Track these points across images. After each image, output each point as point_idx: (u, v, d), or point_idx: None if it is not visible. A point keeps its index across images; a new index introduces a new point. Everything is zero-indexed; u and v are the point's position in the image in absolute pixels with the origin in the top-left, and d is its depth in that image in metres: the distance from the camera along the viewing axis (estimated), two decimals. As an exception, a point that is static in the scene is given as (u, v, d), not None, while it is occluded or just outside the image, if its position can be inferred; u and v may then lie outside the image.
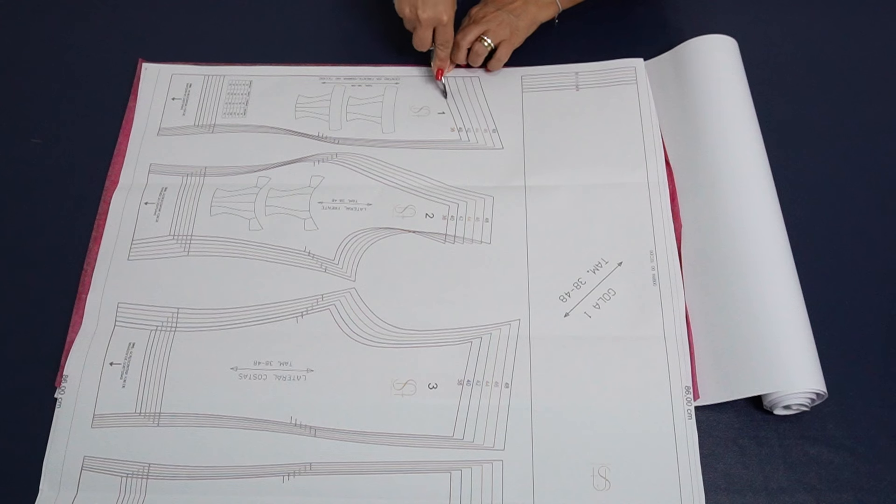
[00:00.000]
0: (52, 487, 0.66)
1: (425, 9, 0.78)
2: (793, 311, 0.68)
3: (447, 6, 0.79)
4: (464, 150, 0.82)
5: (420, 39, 0.81)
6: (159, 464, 0.67)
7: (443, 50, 0.83)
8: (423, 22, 0.79)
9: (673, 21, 0.90)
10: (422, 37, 0.81)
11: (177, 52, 0.90)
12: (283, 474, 0.66)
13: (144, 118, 0.85)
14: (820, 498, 0.65)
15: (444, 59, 0.84)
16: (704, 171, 0.76)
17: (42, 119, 0.86)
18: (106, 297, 0.74)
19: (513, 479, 0.65)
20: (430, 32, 0.81)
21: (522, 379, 0.69)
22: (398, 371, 0.70)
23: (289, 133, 0.84)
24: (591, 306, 0.73)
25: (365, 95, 0.86)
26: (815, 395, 0.66)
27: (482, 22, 0.83)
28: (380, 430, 0.67)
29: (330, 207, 0.79)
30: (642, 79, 0.85)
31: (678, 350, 0.70)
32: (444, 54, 0.83)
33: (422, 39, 0.81)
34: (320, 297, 0.74)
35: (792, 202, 0.75)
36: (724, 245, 0.72)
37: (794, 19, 0.92)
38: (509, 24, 0.83)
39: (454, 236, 0.77)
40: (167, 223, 0.78)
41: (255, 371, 0.70)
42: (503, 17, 0.83)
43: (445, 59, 0.84)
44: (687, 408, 0.67)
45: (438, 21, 0.79)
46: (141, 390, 0.69)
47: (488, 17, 0.83)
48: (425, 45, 0.82)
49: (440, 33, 0.81)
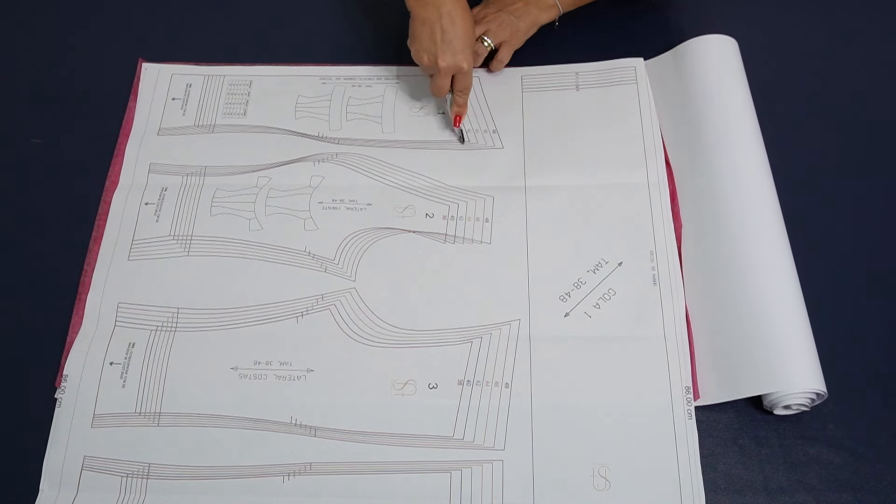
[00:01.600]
0: (52, 487, 0.66)
1: (444, 57, 0.75)
2: (793, 312, 0.68)
3: (467, 53, 0.76)
4: (464, 150, 0.82)
5: (438, 87, 0.78)
6: (159, 464, 0.67)
7: (461, 96, 0.80)
8: (443, 70, 0.76)
9: (673, 21, 0.90)
10: (440, 84, 0.78)
11: (177, 52, 0.90)
12: (283, 474, 0.66)
13: (144, 118, 0.85)
14: (820, 498, 0.65)
15: (463, 106, 0.81)
16: (704, 171, 0.76)
17: (42, 119, 0.86)
18: (106, 297, 0.74)
19: (513, 479, 0.65)
20: (450, 80, 0.78)
21: (522, 379, 0.69)
22: (398, 371, 0.70)
23: (289, 133, 0.84)
24: (592, 306, 0.73)
25: (365, 95, 0.86)
26: (815, 395, 0.66)
27: (483, 22, 0.83)
28: (380, 430, 0.67)
29: (330, 207, 0.79)
30: (642, 79, 0.85)
31: (678, 350, 0.70)
32: (462, 100, 0.80)
33: (440, 87, 0.78)
34: (320, 297, 0.74)
35: (792, 202, 0.75)
36: (724, 245, 0.72)
37: (794, 19, 0.92)
38: (510, 26, 0.82)
39: (454, 236, 0.77)
40: (167, 223, 0.78)
41: (255, 371, 0.70)
42: (504, 18, 0.82)
43: (464, 105, 0.81)
44: (687, 408, 0.67)
45: (458, 69, 0.76)
46: (141, 390, 0.69)
47: (489, 18, 0.83)
48: (443, 92, 0.79)
49: (459, 80, 0.78)
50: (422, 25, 0.75)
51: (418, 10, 0.75)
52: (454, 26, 0.74)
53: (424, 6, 0.75)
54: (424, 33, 0.75)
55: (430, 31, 0.75)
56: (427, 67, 0.78)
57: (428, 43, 0.76)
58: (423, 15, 0.75)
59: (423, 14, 0.75)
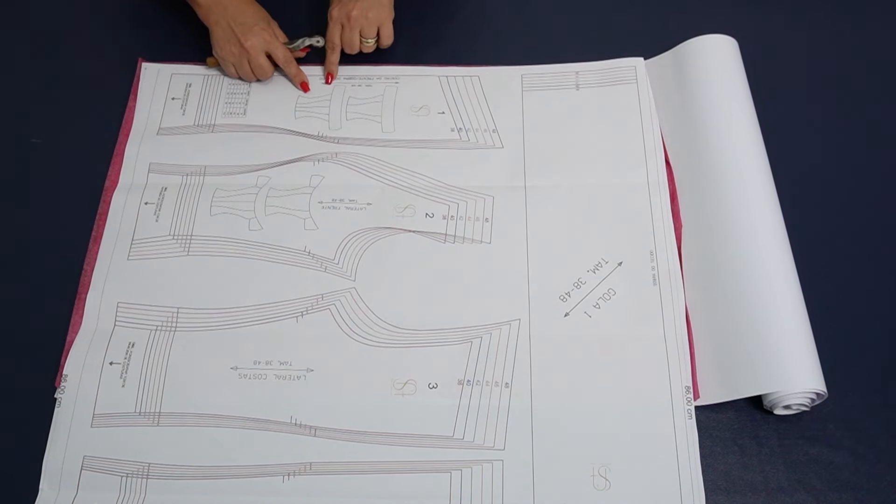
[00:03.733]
0: (52, 487, 0.66)
1: (246, 38, 0.81)
2: (793, 312, 0.68)
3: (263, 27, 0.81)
4: (464, 150, 0.82)
5: (259, 66, 0.83)
6: (159, 464, 0.67)
7: (290, 67, 0.84)
8: (251, 49, 0.81)
9: (673, 21, 0.90)
10: (260, 63, 0.83)
11: (177, 52, 0.89)
12: (283, 474, 0.66)
13: (144, 118, 0.85)
14: (820, 498, 0.65)
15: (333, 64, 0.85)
16: (704, 171, 0.76)
17: (42, 119, 0.86)
18: (106, 296, 0.74)
19: (513, 479, 0.65)
20: (265, 57, 0.82)
21: (522, 379, 0.69)
22: (398, 371, 0.70)
23: (289, 133, 0.84)
24: (592, 306, 0.73)
25: (365, 95, 0.86)
26: (815, 395, 0.66)
27: (352, 22, 0.82)
28: (380, 430, 0.67)
29: (330, 207, 0.79)
30: (642, 78, 0.85)
31: (678, 350, 0.70)
32: (293, 70, 0.85)
33: (260, 66, 0.83)
34: (320, 296, 0.74)
35: (792, 202, 0.75)
36: (724, 245, 0.72)
37: (794, 19, 0.92)
38: (374, 9, 0.82)
39: (454, 236, 0.77)
40: (167, 223, 0.78)
41: (255, 371, 0.70)
42: (364, 8, 0.81)
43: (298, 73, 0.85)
44: (687, 408, 0.67)
45: (266, 43, 0.82)
46: (141, 390, 0.69)
47: (353, 16, 0.81)
48: (267, 71, 0.83)
49: (276, 55, 0.83)
50: (216, 27, 0.82)
51: (208, 18, 0.82)
52: (243, 13, 0.81)
53: (211, 11, 0.81)
54: (221, 32, 0.82)
55: (224, 27, 0.81)
56: (238, 57, 0.82)
57: (229, 36, 0.81)
58: (213, 19, 0.82)
59: (213, 18, 0.82)
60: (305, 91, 0.86)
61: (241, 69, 0.83)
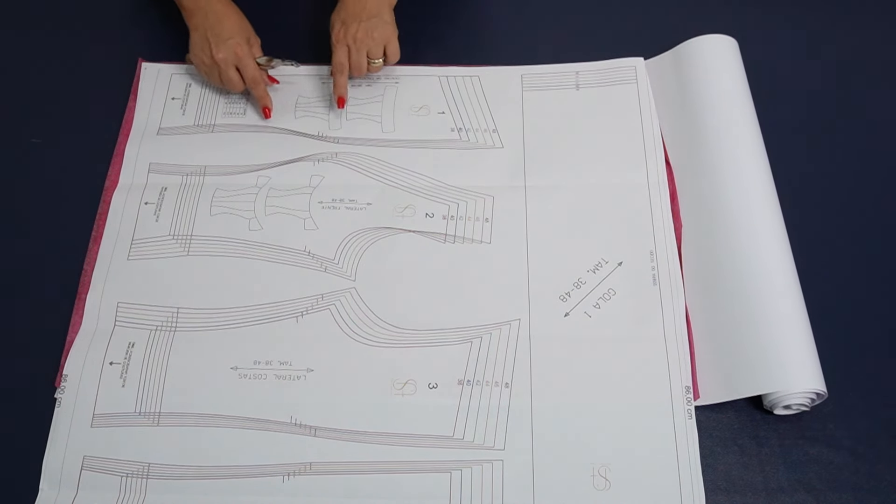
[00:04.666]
0: (52, 487, 0.66)
1: (218, 50, 0.79)
2: (793, 312, 0.68)
3: (238, 41, 0.79)
4: (464, 150, 0.82)
5: (229, 79, 0.81)
6: (159, 464, 0.67)
7: (257, 88, 0.82)
8: (220, 62, 0.79)
9: (673, 21, 0.90)
10: (230, 77, 0.81)
11: (177, 52, 0.89)
12: (283, 474, 0.66)
13: (144, 118, 0.85)
14: (820, 498, 0.65)
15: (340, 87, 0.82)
16: (704, 171, 0.76)
17: (42, 119, 0.86)
18: (106, 296, 0.74)
19: (513, 479, 0.65)
20: (235, 71, 0.81)
21: (522, 379, 0.69)
22: (398, 371, 0.70)
23: (289, 133, 0.84)
24: (592, 306, 0.73)
25: (365, 95, 0.86)
26: (815, 395, 0.66)
27: (359, 44, 0.80)
28: (380, 430, 0.67)
29: (330, 207, 0.79)
30: (642, 78, 0.85)
31: (678, 350, 0.70)
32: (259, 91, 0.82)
33: (230, 79, 0.81)
34: (320, 296, 0.74)
35: (792, 202, 0.75)
36: (724, 245, 0.72)
37: (794, 19, 0.92)
38: (378, 28, 0.80)
39: (454, 236, 0.77)
40: (167, 223, 0.78)
41: (255, 371, 0.70)
42: (369, 28, 0.80)
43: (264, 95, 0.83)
44: (687, 408, 0.67)
45: (236, 59, 0.80)
46: (141, 390, 0.69)
47: (358, 39, 0.80)
48: (237, 85, 0.81)
49: (244, 71, 0.81)
50: (194, 32, 0.81)
51: (190, 21, 0.81)
52: (221, 23, 0.80)
53: (193, 15, 0.81)
54: (197, 38, 0.81)
55: (202, 34, 0.80)
56: (208, 67, 0.81)
57: (203, 44, 0.80)
58: (193, 23, 0.81)
59: (194, 23, 0.81)
60: (267, 117, 0.84)
61: (212, 78, 0.83)
